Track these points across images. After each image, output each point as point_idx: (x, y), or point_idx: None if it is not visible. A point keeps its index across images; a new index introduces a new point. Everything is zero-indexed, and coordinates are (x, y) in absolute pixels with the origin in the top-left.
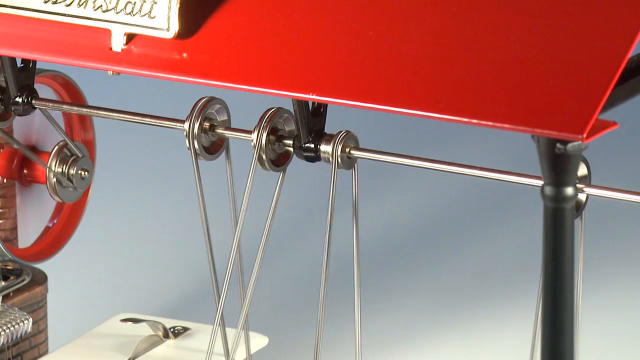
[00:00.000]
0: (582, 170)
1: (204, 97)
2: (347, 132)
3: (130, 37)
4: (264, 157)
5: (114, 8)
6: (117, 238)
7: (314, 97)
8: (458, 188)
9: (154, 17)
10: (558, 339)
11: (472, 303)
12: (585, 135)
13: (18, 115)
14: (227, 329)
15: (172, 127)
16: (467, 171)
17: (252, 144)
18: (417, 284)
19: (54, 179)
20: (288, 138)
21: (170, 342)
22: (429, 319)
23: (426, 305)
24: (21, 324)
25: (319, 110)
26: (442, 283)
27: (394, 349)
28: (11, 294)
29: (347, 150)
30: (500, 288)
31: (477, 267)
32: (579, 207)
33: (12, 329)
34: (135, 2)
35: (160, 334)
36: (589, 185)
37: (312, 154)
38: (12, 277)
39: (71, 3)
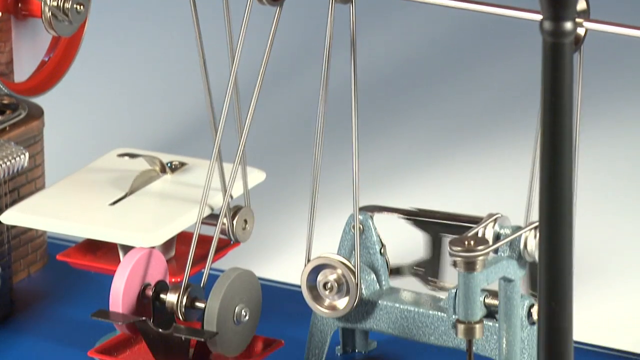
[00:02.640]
0: (581, 5)
1: None
2: None
3: None
4: None
5: None
6: (113, 72)
7: None
8: (457, 24)
9: None
10: (557, 174)
11: (470, 139)
12: None
13: None
14: (225, 164)
15: None
16: (466, 5)
17: None
18: (414, 120)
19: (50, 13)
20: None
21: (167, 177)
22: (427, 155)
23: (423, 141)
24: (17, 158)
25: None
26: (440, 120)
27: (392, 186)
28: (7, 129)
29: None
30: (499, 124)
31: (475, 104)
32: (578, 41)
33: (8, 163)
34: None
35: (157, 168)
36: (588, 19)
37: None
38: (8, 112)
39: None
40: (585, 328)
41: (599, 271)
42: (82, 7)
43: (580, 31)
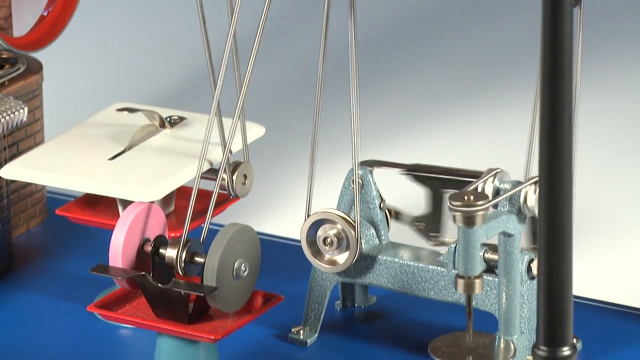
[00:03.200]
0: None
1: None
2: None
3: None
4: None
5: None
6: (112, 27)
7: None
8: None
9: None
10: (557, 128)
11: (471, 94)
12: None
13: None
14: (224, 119)
15: None
16: None
17: None
18: (414, 75)
19: None
20: None
21: (167, 131)
22: (427, 110)
23: (423, 96)
24: (17, 113)
25: None
26: (440, 75)
27: (391, 140)
28: (6, 83)
29: None
30: (499, 79)
31: (475, 59)
32: None
33: (7, 118)
34: None
35: (157, 123)
36: None
37: None
38: (7, 66)
39: None
40: (585, 282)
41: (598, 225)
42: None
43: None
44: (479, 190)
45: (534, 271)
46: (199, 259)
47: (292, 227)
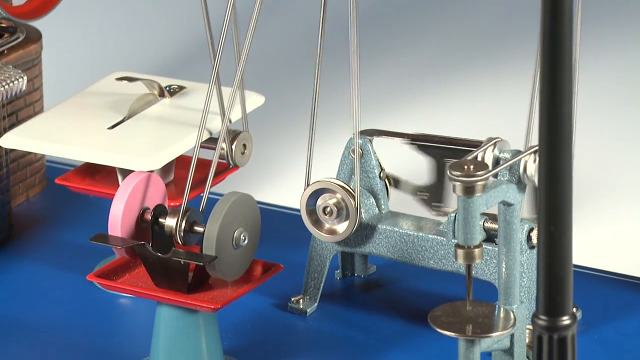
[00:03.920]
0: None
1: None
2: None
3: None
4: None
5: None
6: None
7: None
8: None
9: None
10: (557, 97)
11: (471, 63)
12: None
13: None
14: (223, 88)
15: None
16: None
17: None
18: (414, 44)
19: None
20: None
21: (166, 100)
22: (427, 79)
23: (423, 65)
24: (16, 82)
25: None
26: (441, 44)
27: (391, 110)
28: (5, 52)
29: None
30: (499, 49)
31: (475, 29)
32: None
33: (6, 86)
34: None
35: (156, 92)
36: None
37: None
38: (6, 35)
39: None
40: (585, 251)
41: (598, 194)
42: None
43: None
44: (479, 159)
45: (534, 240)
46: (198, 228)
47: (291, 197)
